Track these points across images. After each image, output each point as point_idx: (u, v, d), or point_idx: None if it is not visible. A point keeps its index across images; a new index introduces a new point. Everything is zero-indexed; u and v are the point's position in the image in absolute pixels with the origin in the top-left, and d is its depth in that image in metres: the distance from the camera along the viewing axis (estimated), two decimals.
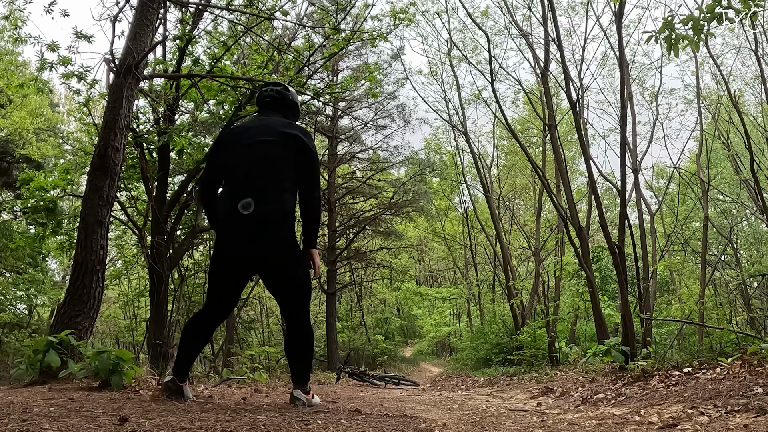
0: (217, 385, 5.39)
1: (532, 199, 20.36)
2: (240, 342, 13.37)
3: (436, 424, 2.63)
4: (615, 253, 6.76)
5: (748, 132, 10.38)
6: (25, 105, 15.84)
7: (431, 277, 32.31)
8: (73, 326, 4.29)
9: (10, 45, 15.49)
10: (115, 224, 8.61)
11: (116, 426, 2.23)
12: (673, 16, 3.88)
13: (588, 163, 8.03)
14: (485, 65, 12.95)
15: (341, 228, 17.17)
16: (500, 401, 5.22)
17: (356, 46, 14.59)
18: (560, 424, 2.78)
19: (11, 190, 14.50)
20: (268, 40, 8.13)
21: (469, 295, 22.18)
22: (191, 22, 7.56)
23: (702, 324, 10.55)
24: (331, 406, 3.51)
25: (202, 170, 3.74)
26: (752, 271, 15.10)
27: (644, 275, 10.53)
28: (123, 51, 5.21)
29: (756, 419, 2.44)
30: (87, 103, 6.98)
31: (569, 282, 14.56)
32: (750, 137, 10.22)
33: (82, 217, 4.75)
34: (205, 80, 7.39)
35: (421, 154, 19.61)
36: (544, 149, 15.17)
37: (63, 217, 7.65)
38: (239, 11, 7.13)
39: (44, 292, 15.94)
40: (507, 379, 9.18)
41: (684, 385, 3.68)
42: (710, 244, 15.30)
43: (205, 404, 3.22)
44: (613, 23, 9.34)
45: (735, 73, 14.75)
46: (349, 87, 13.32)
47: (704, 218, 12.30)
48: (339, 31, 7.48)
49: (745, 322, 13.71)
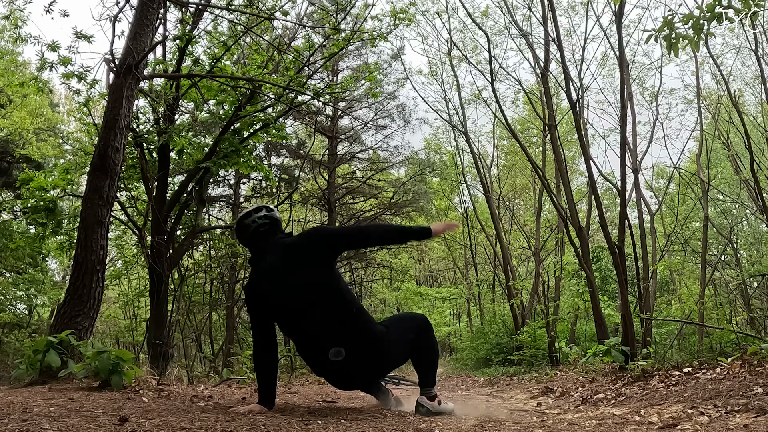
0: (217, 385, 5.39)
1: (532, 199, 20.35)
2: (240, 342, 13.34)
3: (437, 424, 2.63)
4: (615, 253, 6.76)
5: (748, 132, 10.37)
6: (25, 105, 15.83)
7: (431, 277, 32.29)
8: (73, 326, 4.29)
9: (11, 45, 15.50)
10: (115, 224, 8.59)
11: (116, 426, 2.23)
12: (673, 15, 3.88)
13: (588, 163, 8.02)
14: (485, 65, 12.95)
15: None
16: (500, 401, 5.22)
17: (356, 46, 14.58)
18: (560, 424, 2.78)
19: (11, 190, 14.48)
20: (268, 40, 8.13)
21: (469, 295, 22.17)
22: (191, 22, 7.55)
23: (702, 324, 10.54)
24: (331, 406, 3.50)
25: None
26: (752, 271, 15.10)
27: (644, 275, 10.53)
28: (123, 51, 5.21)
29: (756, 419, 2.44)
30: (87, 103, 6.97)
31: (569, 282, 14.55)
32: (750, 137, 10.21)
33: (82, 217, 4.75)
34: (205, 80, 7.39)
35: (421, 154, 19.61)
36: (544, 149, 15.16)
37: (63, 217, 7.64)
38: (239, 11, 7.13)
39: (44, 292, 15.93)
40: (507, 379, 9.18)
41: (684, 385, 3.67)
42: (710, 244, 15.30)
43: (205, 404, 3.22)
44: (613, 23, 9.33)
45: (735, 73, 14.73)
46: (349, 87, 13.31)
47: (704, 218, 12.30)
48: (339, 31, 7.48)
49: (745, 322, 13.70)
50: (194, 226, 8.25)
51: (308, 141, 16.07)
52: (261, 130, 7.87)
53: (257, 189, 15.99)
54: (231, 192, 15.21)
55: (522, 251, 21.84)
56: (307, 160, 15.16)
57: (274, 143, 14.63)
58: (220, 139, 7.44)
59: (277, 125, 8.08)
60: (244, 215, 3.13)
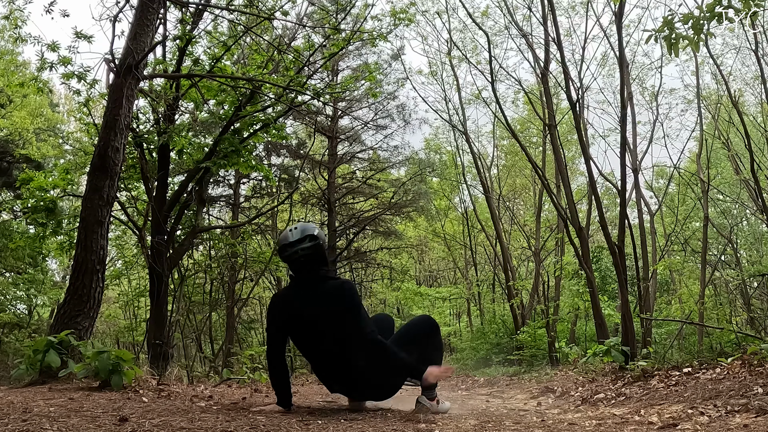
0: (217, 385, 5.39)
1: (532, 199, 20.34)
2: (240, 342, 13.36)
3: (437, 424, 2.63)
4: (615, 253, 6.76)
5: (748, 132, 10.38)
6: (25, 105, 15.82)
7: (431, 277, 32.28)
8: (73, 326, 4.29)
9: (11, 45, 15.50)
10: (115, 224, 8.59)
11: (116, 426, 2.23)
12: (673, 15, 3.88)
13: (588, 163, 8.02)
14: (485, 65, 12.95)
15: (341, 228, 17.17)
16: (500, 401, 5.22)
17: (356, 46, 14.58)
18: (560, 424, 2.78)
19: (11, 190, 14.48)
20: (268, 40, 8.12)
21: (469, 295, 22.16)
22: (191, 22, 7.54)
23: (702, 324, 10.54)
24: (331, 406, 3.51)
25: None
26: (752, 271, 15.09)
27: (644, 275, 10.53)
28: (123, 51, 5.21)
29: (756, 419, 2.44)
30: (87, 103, 6.96)
31: (569, 282, 14.55)
32: (750, 137, 10.22)
33: (82, 217, 4.75)
34: (205, 80, 7.39)
35: (421, 154, 19.58)
36: (544, 149, 15.16)
37: (63, 217, 7.63)
38: (239, 11, 7.13)
39: (44, 292, 15.92)
40: (507, 379, 9.19)
41: (684, 385, 3.67)
42: (710, 244, 15.29)
43: (205, 404, 3.22)
44: (613, 23, 9.33)
45: (735, 73, 14.72)
46: (349, 87, 13.30)
47: (704, 218, 12.30)
48: (339, 31, 7.47)
49: (745, 322, 13.70)
50: (194, 226, 8.25)
51: (308, 141, 16.08)
52: (261, 130, 7.87)
53: (257, 189, 16.00)
54: (231, 192, 15.22)
55: (522, 251, 21.83)
56: (307, 160, 15.17)
57: (274, 143, 14.64)
58: (220, 139, 7.44)
59: (277, 125, 8.07)
60: (288, 244, 3.10)
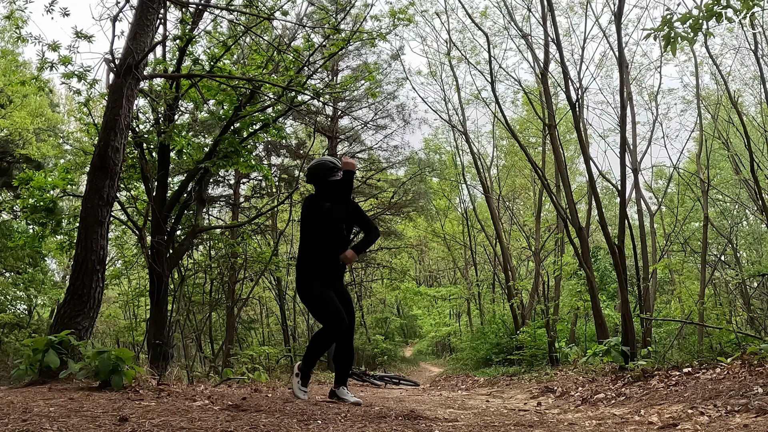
0: (217, 385, 5.39)
1: (532, 199, 20.34)
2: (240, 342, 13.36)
3: (437, 424, 2.63)
4: (615, 252, 6.76)
5: (748, 132, 10.38)
6: (25, 105, 15.82)
7: (431, 277, 32.30)
8: (73, 326, 4.29)
9: (11, 45, 15.51)
10: (115, 224, 8.59)
11: (116, 426, 2.23)
12: (672, 14, 3.88)
13: (588, 163, 8.03)
14: (485, 65, 12.96)
15: None
16: (500, 401, 5.22)
17: (356, 46, 14.59)
18: (560, 424, 2.78)
19: (11, 190, 14.48)
20: (268, 40, 8.12)
21: (469, 295, 22.18)
22: (191, 22, 7.55)
23: (702, 324, 10.54)
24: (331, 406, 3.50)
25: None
26: (752, 271, 15.10)
27: (644, 275, 10.53)
28: (123, 51, 5.21)
29: (756, 419, 2.44)
30: (87, 103, 6.97)
31: (569, 282, 14.56)
32: (749, 137, 10.22)
33: (82, 217, 4.75)
34: (204, 80, 7.39)
35: (421, 154, 19.61)
36: (544, 149, 15.16)
37: (63, 217, 7.63)
38: (239, 11, 7.12)
39: (44, 292, 15.94)
40: (507, 379, 9.18)
41: (684, 385, 3.67)
42: (710, 244, 15.30)
43: (205, 404, 3.22)
44: (612, 23, 9.34)
45: (734, 74, 14.72)
46: (348, 87, 13.31)
47: (704, 218, 12.31)
48: (339, 31, 7.47)
49: (745, 322, 13.71)
50: (194, 226, 8.25)
51: (308, 141, 16.08)
52: (261, 130, 7.87)
53: (257, 189, 16.00)
54: (231, 192, 15.22)
55: (522, 251, 21.83)
56: (307, 160, 15.16)
57: (274, 143, 14.64)
58: (220, 139, 7.44)
59: (276, 125, 8.08)
60: (332, 168, 4.19)
